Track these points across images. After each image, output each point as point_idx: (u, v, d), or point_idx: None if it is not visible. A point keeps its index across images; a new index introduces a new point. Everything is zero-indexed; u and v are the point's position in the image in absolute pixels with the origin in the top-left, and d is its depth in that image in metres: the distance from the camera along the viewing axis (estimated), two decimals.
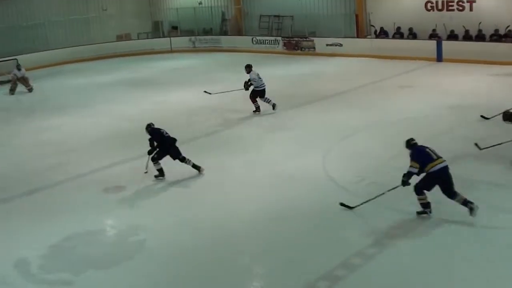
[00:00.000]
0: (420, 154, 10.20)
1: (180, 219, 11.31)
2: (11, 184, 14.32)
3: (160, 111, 19.82)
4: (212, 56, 33.18)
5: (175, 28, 38.74)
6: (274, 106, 18.65)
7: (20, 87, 25.98)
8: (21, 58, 29.91)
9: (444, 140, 14.04)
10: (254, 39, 33.90)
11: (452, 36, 26.59)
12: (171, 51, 35.82)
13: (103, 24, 37.86)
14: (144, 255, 10.03)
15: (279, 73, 26.09)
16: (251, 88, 18.66)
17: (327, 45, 30.30)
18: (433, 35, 27.03)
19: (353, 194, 11.66)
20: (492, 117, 15.43)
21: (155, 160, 13.38)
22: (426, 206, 10.37)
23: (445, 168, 10.12)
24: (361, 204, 10.82)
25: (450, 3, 27.10)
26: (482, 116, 16.03)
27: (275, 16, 34.15)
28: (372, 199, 10.78)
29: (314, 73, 25.82)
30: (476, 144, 13.49)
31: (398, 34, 28.44)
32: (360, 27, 30.41)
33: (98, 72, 30.23)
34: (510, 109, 13.97)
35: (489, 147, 13.28)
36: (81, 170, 14.72)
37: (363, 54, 28.16)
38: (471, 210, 9.98)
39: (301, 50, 31.57)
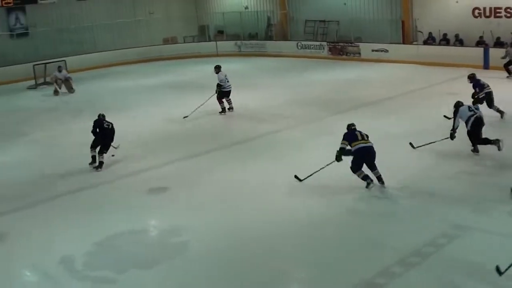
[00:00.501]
0: (349, 134, 12.66)
1: (222, 222, 11.37)
2: (58, 181, 14.66)
3: (202, 114, 19.96)
4: (257, 61, 33.23)
5: (221, 32, 38.95)
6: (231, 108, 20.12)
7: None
8: (69, 60, 30.60)
9: (491, 148, 13.84)
10: (299, 44, 33.86)
11: (499, 43, 26.19)
12: (216, 55, 35.98)
13: (150, 27, 38.27)
14: (185, 256, 10.14)
15: (324, 78, 26.08)
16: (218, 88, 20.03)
17: (372, 50, 30.11)
18: (480, 42, 26.67)
19: (393, 201, 11.65)
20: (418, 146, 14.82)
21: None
22: (365, 178, 12.37)
23: (366, 148, 12.38)
24: (309, 176, 12.69)
25: (498, 10, 26.71)
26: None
27: (320, 21, 34.02)
28: (317, 171, 12.63)
29: (359, 78, 25.69)
30: (410, 144, 14.70)
31: (444, 40, 28.14)
32: (406, 33, 30.13)
33: (144, 75, 30.57)
34: None
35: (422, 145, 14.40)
36: (126, 170, 14.97)
37: (408, 61, 27.87)
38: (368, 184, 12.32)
39: (346, 55, 31.42)
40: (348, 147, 12.51)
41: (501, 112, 17.13)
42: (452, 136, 14.09)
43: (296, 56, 33.04)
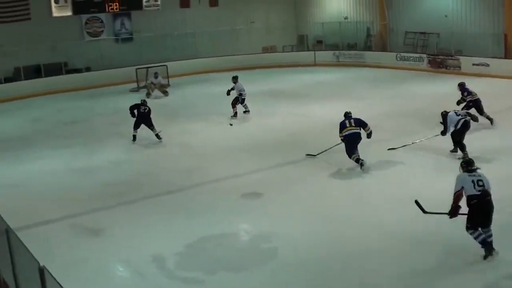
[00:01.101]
0: (341, 124, 14.96)
1: (313, 230, 11.36)
2: (152, 182, 15.13)
3: (300, 123, 20.06)
4: (355, 71, 33.01)
5: (319, 42, 38.94)
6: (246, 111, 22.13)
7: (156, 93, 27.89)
8: (170, 65, 31.49)
9: None
10: (398, 55, 33.46)
11: None
12: (314, 64, 36.01)
13: (250, 36, 38.73)
14: (274, 263, 10.19)
15: (423, 91, 25.61)
16: (233, 94, 22.04)
17: (473, 64, 29.33)
18: None
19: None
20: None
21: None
22: (357, 160, 14.59)
23: (352, 133, 14.71)
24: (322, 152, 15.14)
25: None
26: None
27: (420, 33, 33.52)
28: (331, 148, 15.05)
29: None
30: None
31: None
32: (509, 48, 29.21)
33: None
34: None
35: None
36: (219, 175, 15.20)
37: (511, 76, 27.09)
38: (361, 165, 14.49)
39: (446, 68, 30.79)
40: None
41: (491, 119, 18.31)
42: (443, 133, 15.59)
43: (394, 67, 32.65)
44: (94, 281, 9.96)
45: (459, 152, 15.21)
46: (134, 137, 19.01)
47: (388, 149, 16.22)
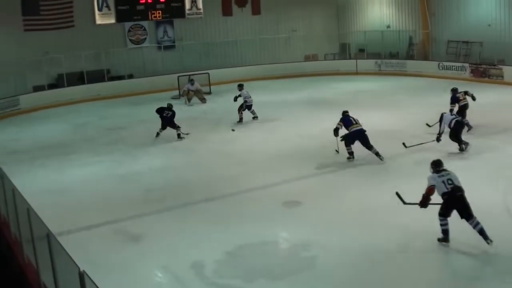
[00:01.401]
0: (345, 120, 16.50)
1: (353, 241, 11.24)
2: (192, 189, 15.23)
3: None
4: (397, 80, 32.76)
5: (362, 50, 38.78)
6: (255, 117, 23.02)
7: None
8: (212, 73, 31.75)
9: None
10: (440, 64, 33.08)
11: None
12: (356, 73, 35.87)
13: (292, 44, 38.79)
14: (313, 272, 10.14)
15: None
16: (240, 101, 23.08)
17: None
18: None
19: None
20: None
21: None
22: (350, 153, 16.43)
23: (359, 130, 16.24)
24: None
25: None
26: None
27: (463, 42, 33.16)
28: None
29: (502, 102, 24.70)
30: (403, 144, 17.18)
31: None
32: None
33: (284, 90, 30.94)
34: None
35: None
36: (259, 183, 15.20)
37: None
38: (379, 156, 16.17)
39: (488, 78, 30.36)
40: (343, 129, 16.46)
41: (470, 127, 18.69)
42: (438, 140, 16.96)
43: (436, 76, 32.29)
44: (133, 286, 10.04)
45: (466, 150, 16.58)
46: (158, 134, 20.75)
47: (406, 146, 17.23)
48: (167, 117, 20.50)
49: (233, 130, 21.55)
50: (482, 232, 10.16)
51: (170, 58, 34.91)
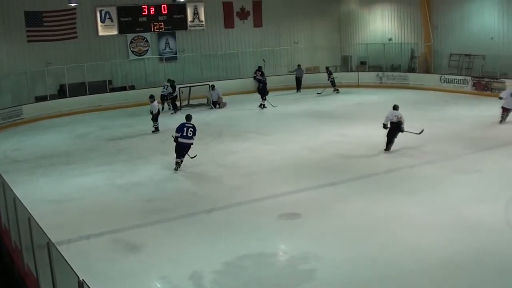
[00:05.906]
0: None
1: (352, 253, 11.25)
2: (192, 199, 15.28)
3: (340, 144, 20.02)
4: (398, 93, 32.65)
5: (363, 63, 38.86)
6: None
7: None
8: (214, 84, 31.61)
9: None
10: (442, 77, 33.07)
11: None
12: (357, 85, 35.90)
13: (293, 56, 38.86)
14: (312, 285, 10.13)
15: (467, 113, 25.22)
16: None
17: None
18: None
19: None
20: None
21: None
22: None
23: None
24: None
25: None
26: None
27: (466, 55, 33.15)
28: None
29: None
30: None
31: None
32: None
33: (285, 102, 30.96)
34: None
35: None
36: (259, 195, 15.21)
37: None
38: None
39: (491, 91, 30.25)
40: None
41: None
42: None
43: (438, 89, 32.30)
44: None
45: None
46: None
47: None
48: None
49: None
50: None
51: (172, 69, 34.97)
